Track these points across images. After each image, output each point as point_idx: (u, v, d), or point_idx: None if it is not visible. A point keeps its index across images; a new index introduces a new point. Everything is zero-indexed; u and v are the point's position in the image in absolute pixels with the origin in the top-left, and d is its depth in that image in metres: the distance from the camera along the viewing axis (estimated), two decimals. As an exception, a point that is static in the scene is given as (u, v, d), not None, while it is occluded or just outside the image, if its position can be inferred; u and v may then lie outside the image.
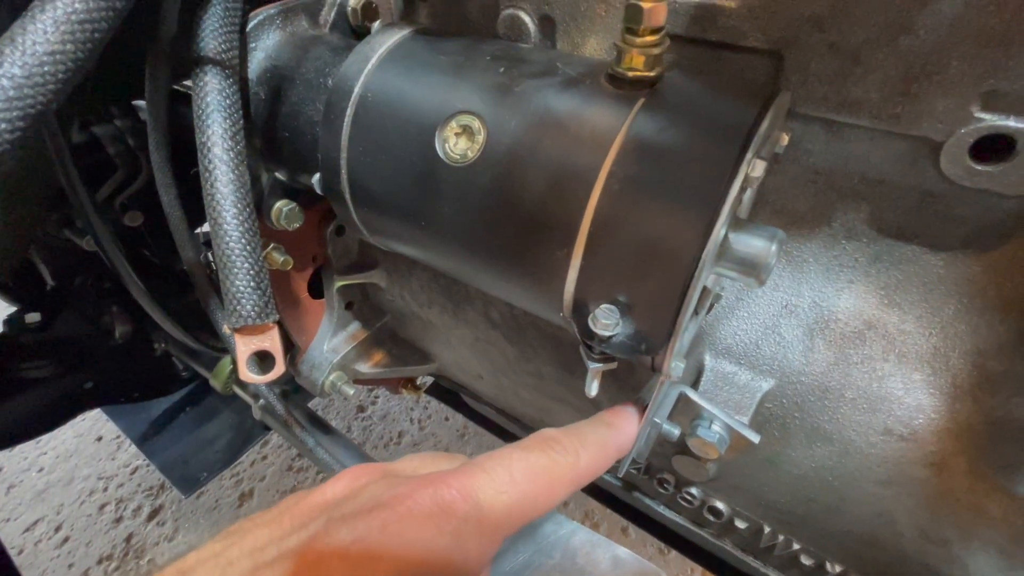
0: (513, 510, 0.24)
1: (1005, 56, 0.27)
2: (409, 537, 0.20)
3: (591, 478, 0.29)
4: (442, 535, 0.21)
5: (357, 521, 0.21)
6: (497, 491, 0.23)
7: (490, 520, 0.23)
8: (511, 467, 0.25)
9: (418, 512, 0.21)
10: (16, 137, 0.22)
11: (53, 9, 0.24)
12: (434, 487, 0.22)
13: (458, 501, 0.22)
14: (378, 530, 0.20)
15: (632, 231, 0.27)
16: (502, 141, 0.30)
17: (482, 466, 0.24)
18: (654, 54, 0.28)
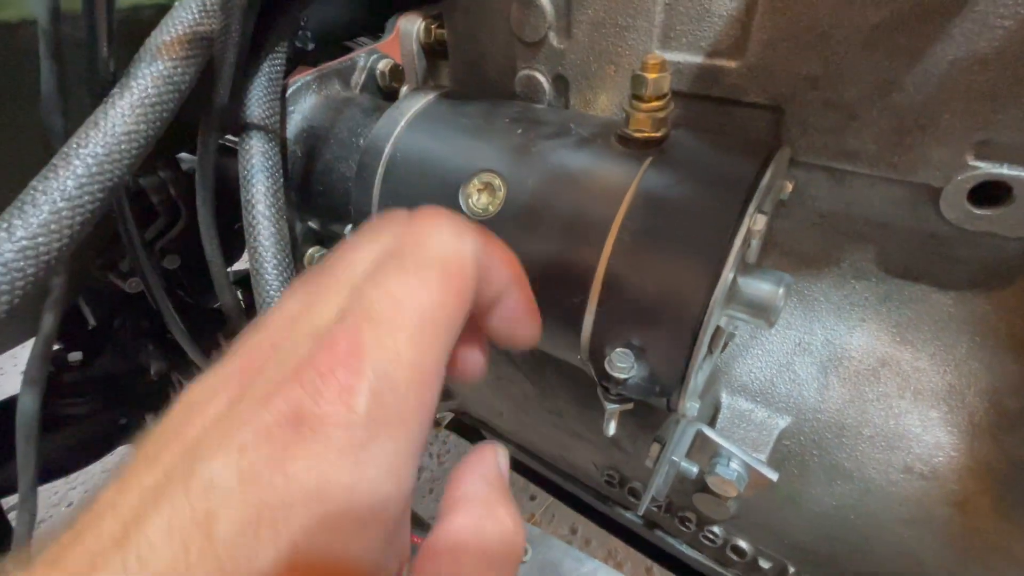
0: (433, 331, 0.18)
1: (992, 110, 0.29)
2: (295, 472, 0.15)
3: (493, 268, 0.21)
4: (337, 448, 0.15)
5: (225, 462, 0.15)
6: (402, 329, 0.17)
7: (408, 371, 0.17)
8: (405, 285, 0.18)
9: (301, 421, 0.15)
10: (97, 207, 0.25)
11: (130, 95, 0.27)
12: (312, 375, 0.16)
13: (351, 385, 0.16)
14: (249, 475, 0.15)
15: (644, 279, 0.29)
16: (521, 197, 0.32)
17: (361, 307, 0.17)
18: (660, 117, 0.30)
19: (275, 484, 0.15)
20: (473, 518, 0.20)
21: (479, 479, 0.21)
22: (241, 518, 0.14)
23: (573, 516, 1.36)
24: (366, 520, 0.16)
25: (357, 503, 0.15)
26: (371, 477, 0.16)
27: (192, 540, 0.14)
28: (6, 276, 0.23)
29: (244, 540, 0.14)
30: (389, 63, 0.52)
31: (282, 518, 0.15)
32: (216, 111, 0.38)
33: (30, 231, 0.24)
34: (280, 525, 0.15)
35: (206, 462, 0.15)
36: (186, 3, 0.32)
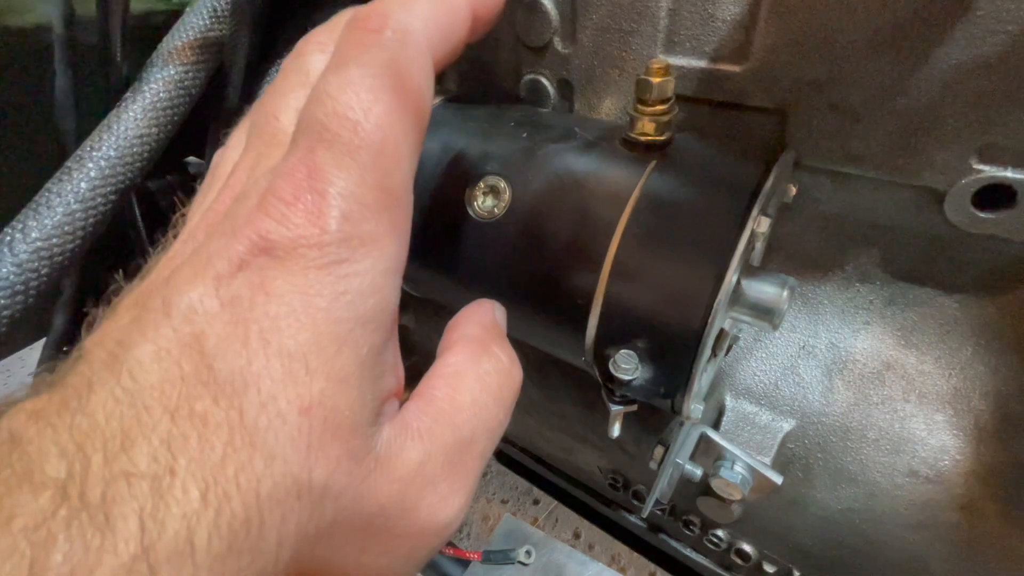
0: (396, 139, 0.17)
1: (997, 114, 0.29)
2: (276, 289, 0.15)
3: (446, 38, 0.20)
4: (315, 267, 0.15)
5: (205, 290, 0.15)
6: (364, 140, 0.16)
7: (378, 182, 0.16)
8: (357, 94, 0.16)
9: (275, 249, 0.15)
10: (109, 209, 0.26)
11: (143, 99, 0.28)
12: (277, 203, 0.16)
13: (319, 206, 0.15)
14: (232, 300, 0.15)
15: (648, 281, 0.29)
16: (526, 200, 0.32)
17: (316, 130, 0.16)
18: (664, 121, 0.30)
19: (257, 303, 0.15)
20: (470, 354, 0.20)
21: (476, 324, 0.22)
22: (229, 334, 0.15)
23: (576, 520, 1.36)
24: (354, 332, 0.16)
25: (343, 315, 0.15)
26: (353, 290, 0.16)
27: (183, 356, 0.14)
28: (21, 276, 0.24)
29: (235, 350, 0.15)
30: (395, 68, 0.52)
31: (270, 330, 0.15)
32: (225, 115, 0.39)
33: (44, 232, 0.24)
34: (270, 336, 0.15)
35: (182, 294, 0.15)
36: (197, 9, 0.32)
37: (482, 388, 0.20)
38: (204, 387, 0.14)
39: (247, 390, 0.15)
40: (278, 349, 0.15)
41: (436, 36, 0.19)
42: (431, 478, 0.17)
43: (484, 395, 0.19)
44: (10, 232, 0.24)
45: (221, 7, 0.32)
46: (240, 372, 0.15)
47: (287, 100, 0.20)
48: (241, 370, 0.15)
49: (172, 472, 0.14)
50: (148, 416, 0.14)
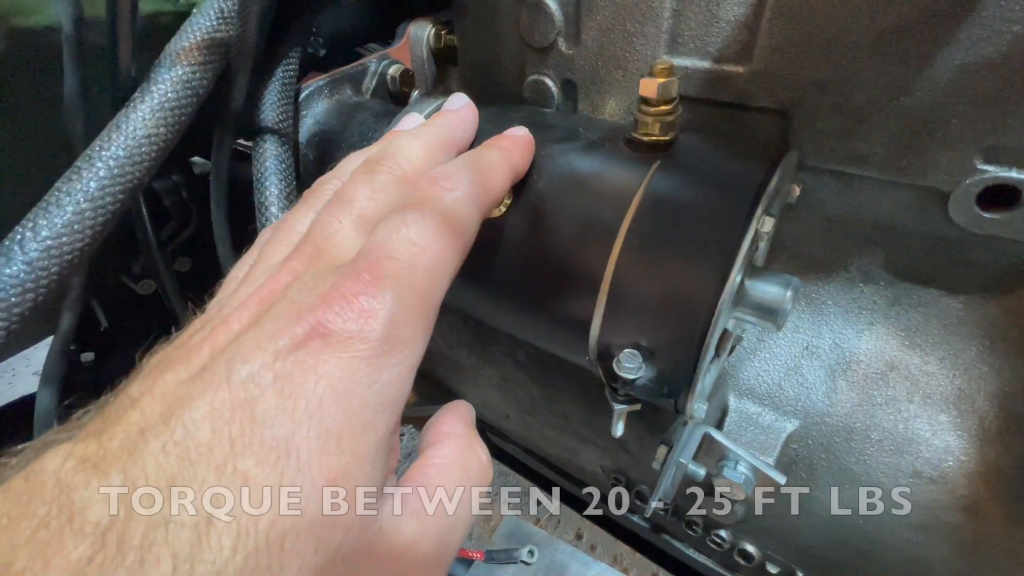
0: (441, 269, 0.21)
1: (1002, 114, 0.29)
2: (325, 372, 0.18)
3: (494, 199, 0.26)
4: (359, 358, 0.18)
5: (261, 364, 0.18)
6: (415, 265, 0.20)
7: (418, 299, 0.20)
8: (420, 230, 0.21)
9: (331, 338, 0.18)
10: (118, 208, 0.26)
11: (151, 99, 0.28)
12: (340, 301, 0.19)
13: (373, 309, 0.19)
14: (286, 375, 0.18)
15: (652, 280, 0.29)
16: (530, 199, 0.32)
17: (383, 248, 0.20)
18: (668, 121, 0.30)
19: (308, 381, 0.17)
20: (458, 449, 0.23)
21: (460, 422, 0.25)
22: (279, 404, 0.17)
23: (579, 521, 1.36)
24: (377, 417, 0.19)
25: (373, 400, 0.18)
26: (385, 381, 0.19)
27: (234, 419, 0.17)
28: (31, 275, 0.24)
29: (282, 420, 0.17)
30: (399, 68, 0.52)
31: (315, 407, 0.17)
32: (231, 115, 0.39)
33: (54, 231, 0.24)
34: (314, 413, 0.17)
35: (243, 364, 0.18)
36: (204, 10, 0.33)
37: (466, 481, 0.23)
38: (250, 450, 0.16)
39: (289, 457, 0.17)
40: (319, 427, 0.17)
41: (486, 203, 0.25)
42: (422, 555, 0.20)
43: (468, 493, 0.22)
44: (21, 231, 0.25)
45: (228, 8, 0.32)
46: (284, 440, 0.17)
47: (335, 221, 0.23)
48: (287, 438, 0.17)
49: (210, 523, 0.15)
50: (194, 470, 0.16)
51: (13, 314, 0.24)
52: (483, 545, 1.11)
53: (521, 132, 0.32)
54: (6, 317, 0.24)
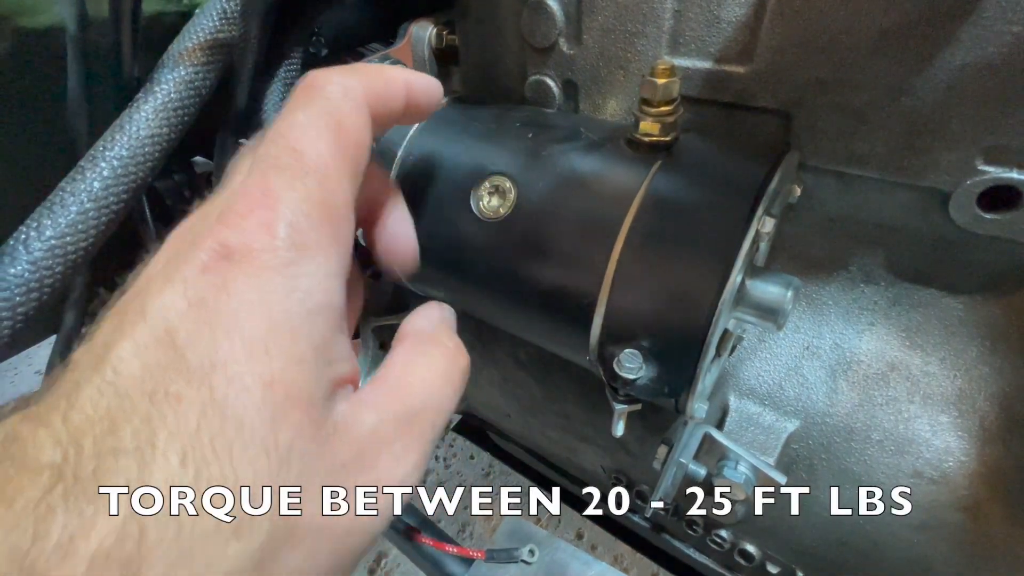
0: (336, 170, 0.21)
1: (1003, 115, 0.29)
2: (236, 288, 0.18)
3: (378, 98, 0.24)
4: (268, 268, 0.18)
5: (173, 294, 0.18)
6: (308, 168, 0.20)
7: (319, 203, 0.20)
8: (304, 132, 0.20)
9: (232, 254, 0.18)
10: (122, 207, 0.26)
11: (154, 99, 0.28)
12: (234, 214, 0.19)
13: (269, 219, 0.19)
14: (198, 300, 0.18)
15: (653, 281, 0.29)
16: (531, 199, 0.33)
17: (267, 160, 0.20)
18: (669, 121, 0.30)
19: (220, 300, 0.18)
20: (419, 343, 0.24)
21: (424, 319, 0.26)
22: (198, 327, 0.17)
23: (579, 521, 1.36)
24: (305, 322, 0.18)
25: (296, 307, 0.18)
26: (303, 288, 0.19)
27: (158, 349, 0.17)
28: (35, 274, 0.24)
29: (203, 339, 0.17)
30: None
31: (233, 321, 0.17)
32: (234, 115, 0.39)
33: (59, 230, 0.25)
34: (232, 326, 0.17)
35: (155, 298, 0.18)
36: (207, 11, 0.33)
37: (429, 369, 0.22)
38: (177, 373, 0.17)
39: (215, 371, 0.17)
40: (241, 337, 0.17)
41: (372, 97, 0.23)
42: (385, 439, 0.20)
43: (430, 374, 0.22)
44: (25, 231, 0.25)
45: (231, 9, 0.32)
46: (208, 357, 0.17)
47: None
48: (209, 355, 0.17)
49: (153, 445, 0.16)
50: (130, 401, 0.16)
51: (17, 313, 0.24)
52: (484, 544, 1.11)
53: None
54: (11, 316, 0.25)
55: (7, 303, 0.24)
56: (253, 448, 0.17)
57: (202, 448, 0.16)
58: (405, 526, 0.64)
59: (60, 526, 0.14)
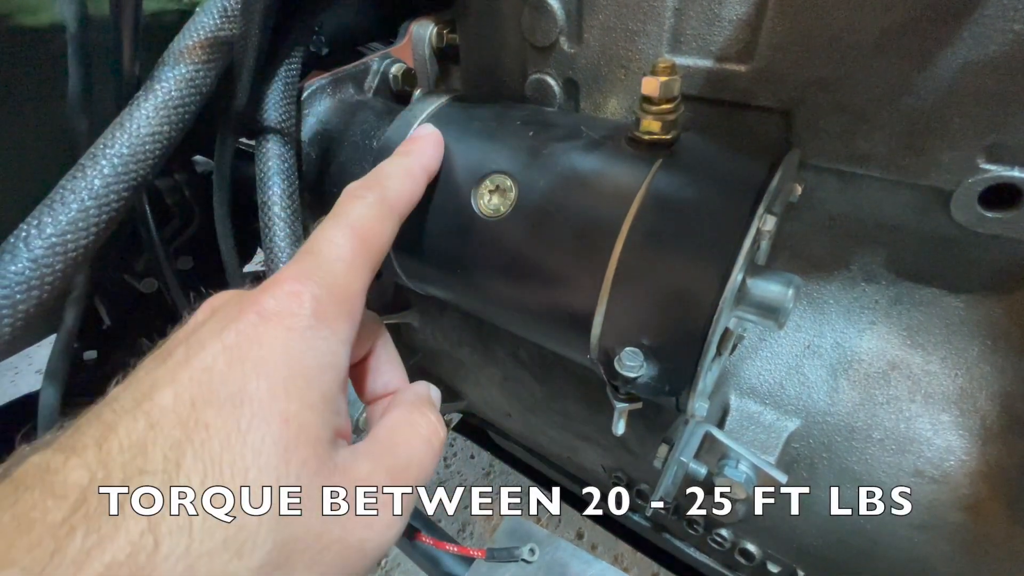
0: (353, 267, 0.25)
1: (1003, 113, 0.29)
2: (266, 340, 0.21)
3: (407, 205, 0.30)
4: (294, 329, 0.22)
5: (213, 341, 0.21)
6: (332, 263, 0.25)
7: (337, 289, 0.24)
8: (333, 238, 0.26)
9: (266, 315, 0.22)
10: (122, 205, 0.26)
11: (155, 97, 0.28)
12: (272, 287, 0.23)
13: (299, 291, 0.23)
14: (233, 345, 0.21)
15: (654, 279, 0.29)
16: (532, 198, 0.33)
17: (310, 251, 0.25)
18: (670, 120, 0.30)
19: (252, 348, 0.21)
20: (406, 413, 0.27)
21: (412, 393, 0.29)
22: (229, 368, 0.20)
23: (579, 521, 1.36)
24: (318, 377, 0.22)
25: (312, 362, 0.22)
26: (320, 349, 0.22)
27: (193, 385, 0.20)
28: (36, 272, 0.24)
29: (233, 378, 0.20)
30: (402, 67, 0.52)
31: (261, 366, 0.21)
32: (234, 114, 0.39)
33: (59, 228, 0.24)
34: (260, 370, 0.20)
35: (199, 346, 0.21)
36: (208, 9, 0.33)
37: (414, 435, 0.26)
38: (209, 405, 0.19)
39: (243, 406, 0.20)
40: (267, 380, 0.20)
41: (401, 203, 0.30)
42: (379, 484, 0.23)
43: (415, 439, 0.26)
44: (26, 228, 0.25)
45: (231, 7, 0.32)
46: (239, 393, 0.20)
47: None
48: (240, 391, 0.20)
49: (179, 465, 0.18)
50: (161, 430, 0.18)
51: (18, 311, 0.24)
52: (484, 543, 1.11)
53: (425, 131, 0.36)
54: (11, 314, 0.25)
55: (7, 300, 0.24)
56: (266, 475, 0.19)
57: (221, 470, 0.18)
58: (405, 525, 0.64)
59: (79, 543, 0.16)
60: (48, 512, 0.16)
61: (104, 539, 0.16)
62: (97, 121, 0.31)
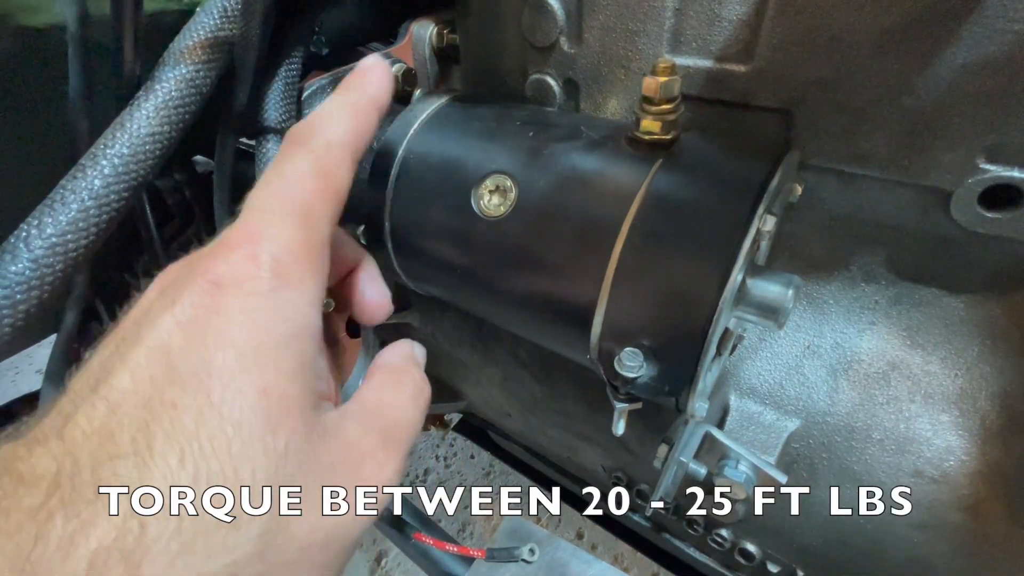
0: (311, 218, 0.23)
1: (1004, 113, 0.29)
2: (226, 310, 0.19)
3: (360, 143, 0.27)
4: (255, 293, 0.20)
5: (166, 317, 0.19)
6: (283, 218, 0.22)
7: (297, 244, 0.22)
8: (280, 194, 0.23)
9: (221, 281, 0.20)
10: (122, 205, 0.26)
11: (155, 97, 0.28)
12: (223, 251, 0.21)
13: (254, 253, 0.21)
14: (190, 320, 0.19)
15: (654, 279, 0.29)
16: (532, 198, 0.33)
17: (254, 204, 0.23)
18: (670, 120, 0.30)
19: (211, 319, 0.19)
20: (391, 374, 0.26)
21: (396, 355, 0.28)
22: (189, 343, 0.19)
23: (579, 521, 1.36)
24: (290, 342, 0.20)
25: (281, 327, 0.20)
26: (287, 312, 0.20)
27: (151, 364, 0.18)
28: (36, 272, 0.24)
29: (196, 352, 0.18)
30: (402, 67, 0.52)
31: (225, 337, 0.19)
32: (234, 114, 0.39)
33: (59, 228, 0.25)
34: (225, 341, 0.19)
35: (151, 323, 0.19)
36: (208, 9, 0.33)
37: (399, 394, 0.25)
38: (171, 383, 0.18)
39: (211, 378, 0.18)
40: (234, 349, 0.19)
41: (353, 139, 0.26)
42: (368, 448, 0.22)
43: (402, 398, 0.25)
44: (26, 228, 0.25)
45: (232, 7, 0.32)
46: (204, 366, 0.18)
47: None
48: (205, 365, 0.18)
49: (150, 448, 0.17)
50: (125, 413, 0.17)
51: (18, 311, 0.24)
52: (484, 543, 1.11)
53: (368, 62, 0.30)
54: (11, 314, 0.25)
55: (8, 300, 0.24)
56: (252, 447, 0.18)
57: (200, 446, 0.17)
58: (406, 525, 0.64)
59: (59, 529, 0.15)
60: (21, 499, 0.16)
61: (86, 524, 0.15)
62: (97, 121, 0.31)
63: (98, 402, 0.18)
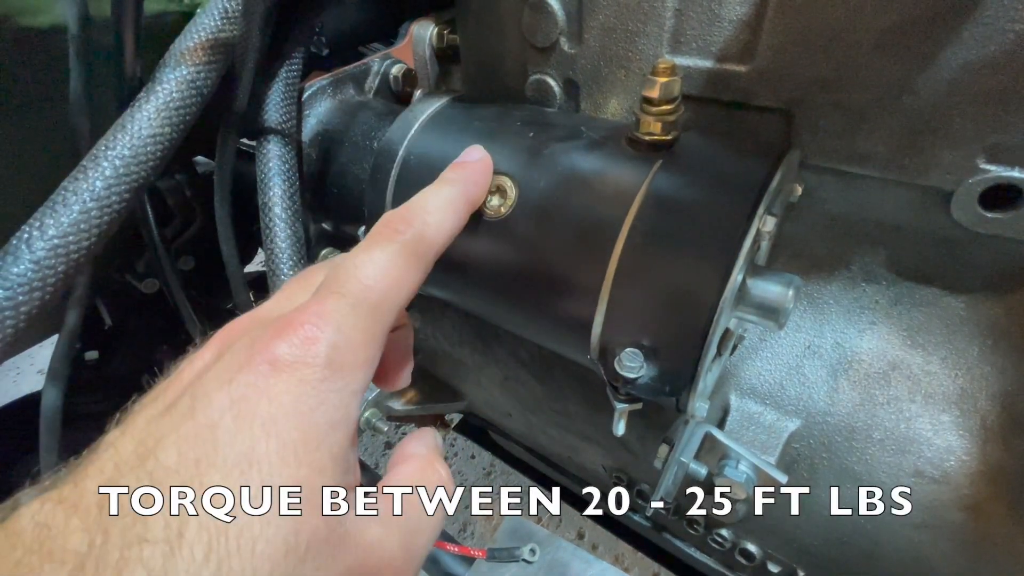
0: (378, 311, 0.23)
1: (1004, 113, 0.29)
2: (276, 394, 0.20)
3: (445, 241, 0.28)
4: (306, 381, 0.20)
5: (220, 393, 0.20)
6: (356, 305, 0.22)
7: (357, 335, 0.22)
8: (361, 274, 0.23)
9: (278, 364, 0.20)
10: (124, 206, 0.26)
11: (156, 99, 0.28)
12: (287, 330, 0.21)
13: (315, 337, 0.21)
14: (241, 399, 0.19)
15: (654, 279, 0.29)
16: (532, 198, 0.33)
17: (332, 286, 0.23)
18: (670, 120, 0.30)
19: (261, 403, 0.19)
20: (419, 467, 0.26)
21: (423, 445, 0.28)
22: (237, 425, 0.19)
23: (580, 521, 1.36)
24: (328, 435, 0.21)
25: (323, 419, 0.20)
26: (332, 403, 0.21)
27: (198, 443, 0.19)
28: (38, 273, 0.24)
29: (242, 437, 0.19)
30: (402, 68, 0.52)
31: (271, 426, 0.19)
32: (235, 115, 0.39)
33: (61, 230, 0.25)
34: (270, 428, 0.19)
35: (204, 395, 0.20)
36: (209, 11, 0.33)
37: (426, 492, 0.25)
38: (214, 467, 0.18)
39: (251, 469, 0.18)
40: (277, 441, 0.19)
41: (440, 241, 0.27)
42: (387, 556, 0.22)
43: (426, 499, 0.25)
44: (28, 230, 0.25)
45: (232, 8, 0.32)
46: (247, 456, 0.19)
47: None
48: (247, 454, 0.19)
49: (181, 536, 0.17)
50: (163, 493, 0.17)
51: (21, 312, 0.24)
52: (485, 543, 1.11)
53: (475, 156, 0.32)
54: (14, 315, 0.25)
55: (10, 302, 0.24)
56: (274, 547, 0.18)
57: (227, 542, 0.17)
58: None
59: None
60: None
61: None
62: (98, 123, 0.31)
63: (143, 475, 0.18)
